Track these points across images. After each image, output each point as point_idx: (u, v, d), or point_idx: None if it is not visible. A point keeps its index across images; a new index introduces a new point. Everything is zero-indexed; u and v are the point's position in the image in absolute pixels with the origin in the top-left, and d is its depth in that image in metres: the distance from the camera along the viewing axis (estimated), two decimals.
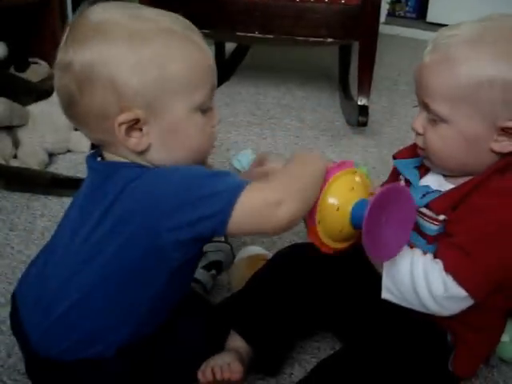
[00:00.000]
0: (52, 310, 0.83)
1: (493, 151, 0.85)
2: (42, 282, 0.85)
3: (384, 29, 3.28)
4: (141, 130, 0.79)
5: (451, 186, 0.89)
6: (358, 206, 0.82)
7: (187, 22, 0.84)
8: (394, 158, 1.04)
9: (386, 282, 0.86)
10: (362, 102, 1.99)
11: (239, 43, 2.73)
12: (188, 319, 0.94)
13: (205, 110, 0.83)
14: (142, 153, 0.81)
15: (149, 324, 0.86)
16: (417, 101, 0.94)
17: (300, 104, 2.35)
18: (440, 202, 0.87)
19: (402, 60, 3.05)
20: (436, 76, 0.87)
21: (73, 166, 1.75)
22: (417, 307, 0.85)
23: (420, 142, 0.92)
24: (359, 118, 1.96)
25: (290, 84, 2.56)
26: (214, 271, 1.21)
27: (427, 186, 0.92)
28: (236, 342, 0.96)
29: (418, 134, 0.92)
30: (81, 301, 0.81)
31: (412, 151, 0.99)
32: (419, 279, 0.82)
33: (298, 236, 1.42)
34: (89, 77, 0.77)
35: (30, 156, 1.69)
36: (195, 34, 0.83)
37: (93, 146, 1.86)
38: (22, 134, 1.73)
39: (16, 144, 1.72)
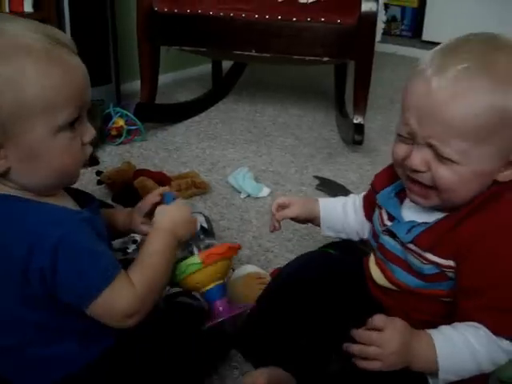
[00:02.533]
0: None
1: (494, 181, 0.81)
2: None
3: (380, 47, 3.29)
4: None
5: (438, 216, 0.84)
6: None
7: (58, 35, 0.77)
8: (375, 189, 1.00)
9: (444, 376, 0.82)
10: (357, 120, 2.00)
11: (236, 61, 2.74)
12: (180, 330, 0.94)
13: (73, 126, 0.78)
14: (2, 175, 0.78)
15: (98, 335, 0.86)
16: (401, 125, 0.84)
17: (296, 122, 2.36)
18: (426, 237, 0.82)
19: (397, 78, 3.07)
20: (451, 111, 0.75)
21: None
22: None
23: (426, 180, 0.81)
24: (355, 137, 1.97)
25: (286, 102, 2.57)
26: None
27: (413, 221, 0.86)
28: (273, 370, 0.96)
29: (417, 171, 0.81)
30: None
31: (391, 175, 0.94)
32: (487, 364, 0.81)
33: (293, 253, 1.42)
34: None
35: None
36: (62, 50, 0.76)
37: (90, 164, 1.87)
38: None
39: None
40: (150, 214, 0.97)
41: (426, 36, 3.65)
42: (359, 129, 1.98)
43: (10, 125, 0.74)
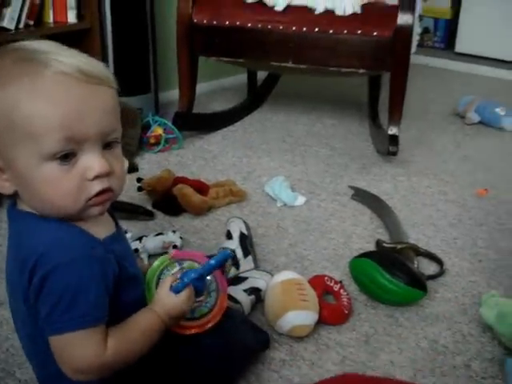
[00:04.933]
0: (33, 364, 0.90)
1: None
2: (19, 335, 0.90)
3: (413, 59, 3.31)
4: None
5: None
6: None
7: (92, 68, 0.77)
8: None
9: None
10: (392, 131, 2.02)
11: (272, 72, 2.78)
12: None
13: (66, 159, 0.75)
14: (19, 197, 0.80)
15: None
16: None
17: (330, 132, 2.39)
18: None
19: (431, 89, 3.08)
20: None
21: None
22: None
23: None
24: (389, 148, 1.99)
25: (320, 112, 2.60)
26: (253, 297, 1.24)
27: None
28: None
29: None
30: (37, 355, 0.86)
31: None
32: None
33: (328, 261, 1.45)
34: None
35: None
36: (77, 81, 0.74)
37: (130, 170, 1.92)
38: None
39: None
40: None
41: (458, 48, 3.65)
42: (394, 140, 2.00)
43: (4, 149, 0.75)
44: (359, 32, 1.93)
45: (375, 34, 1.92)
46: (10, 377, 1.06)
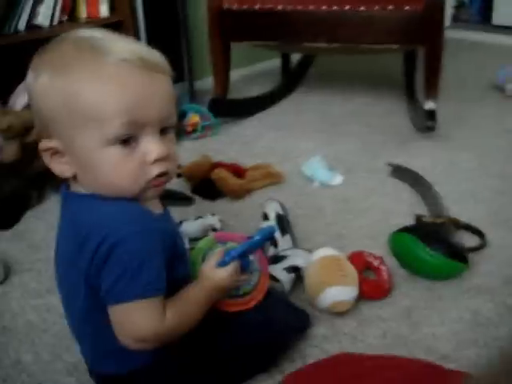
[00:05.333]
0: (84, 345, 0.94)
1: None
2: (69, 319, 0.94)
3: (449, 33, 3.26)
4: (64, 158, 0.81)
5: None
6: None
7: (147, 55, 0.79)
8: None
9: None
10: (429, 106, 2.00)
11: (305, 53, 2.77)
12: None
13: (126, 143, 0.78)
14: (76, 180, 0.83)
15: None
16: None
17: (366, 110, 2.37)
18: None
19: (468, 64, 3.02)
20: None
21: None
22: None
23: None
24: (427, 123, 1.97)
25: (356, 91, 2.58)
26: (293, 274, 1.25)
27: None
28: None
29: None
30: (90, 335, 0.90)
31: None
32: None
33: (366, 238, 1.45)
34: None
35: None
36: (137, 68, 0.77)
37: None
38: None
39: None
40: None
41: (495, 20, 3.57)
42: (431, 115, 1.98)
43: (67, 133, 0.78)
44: (390, 7, 1.91)
45: (407, 8, 1.89)
46: (58, 360, 1.10)
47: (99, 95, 0.75)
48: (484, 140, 2.04)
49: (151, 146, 0.79)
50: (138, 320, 0.81)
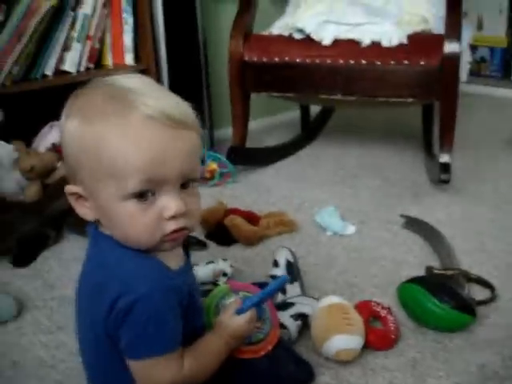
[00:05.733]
0: None
1: None
2: (82, 356, 0.95)
3: (469, 88, 3.30)
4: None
5: None
6: None
7: (175, 111, 0.79)
8: None
9: None
10: (443, 159, 2.02)
11: (323, 105, 2.83)
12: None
13: (143, 198, 0.79)
14: (100, 224, 0.85)
15: None
16: None
17: (383, 163, 2.40)
18: None
19: (486, 118, 3.05)
20: None
21: None
22: None
23: None
24: (441, 176, 1.98)
25: (373, 144, 2.62)
26: (300, 322, 1.26)
27: None
28: None
29: None
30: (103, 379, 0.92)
31: None
32: None
33: (377, 288, 1.45)
34: None
35: None
36: (161, 125, 0.78)
37: None
38: None
39: None
40: None
41: None
42: (445, 168, 1.99)
43: (89, 182, 0.80)
44: (406, 62, 1.95)
45: (422, 63, 1.93)
46: None
47: (120, 151, 0.76)
48: (499, 194, 2.05)
49: (169, 203, 0.79)
50: (156, 373, 0.83)
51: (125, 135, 0.77)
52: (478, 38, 3.77)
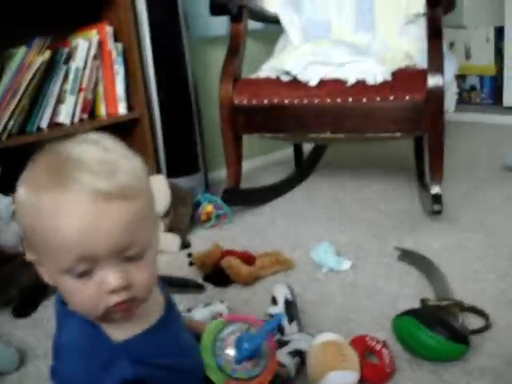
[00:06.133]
0: None
1: None
2: None
3: (461, 116, 3.36)
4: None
5: None
6: None
7: (110, 184, 0.74)
8: None
9: None
10: (434, 190, 2.04)
11: (314, 143, 2.87)
12: None
13: (81, 275, 0.75)
14: None
15: None
16: None
17: (377, 196, 2.43)
18: None
19: (480, 145, 3.09)
20: None
21: (164, 266, 1.89)
22: None
23: None
24: (433, 207, 2.01)
25: (367, 177, 2.65)
26: (298, 359, 1.27)
27: None
28: None
29: None
30: None
31: None
32: None
33: (375, 323, 1.46)
34: None
35: None
36: (88, 198, 0.73)
37: (182, 247, 2.02)
38: None
39: None
40: None
41: (506, 102, 3.67)
42: (437, 199, 2.02)
43: (35, 251, 0.79)
44: (392, 98, 1.99)
45: (407, 98, 1.98)
46: None
47: (49, 228, 0.74)
48: (493, 222, 2.07)
49: (106, 277, 0.75)
50: None
51: (55, 211, 0.73)
52: (466, 67, 3.86)
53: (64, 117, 2.07)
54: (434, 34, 2.03)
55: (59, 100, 2.07)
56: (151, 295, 0.84)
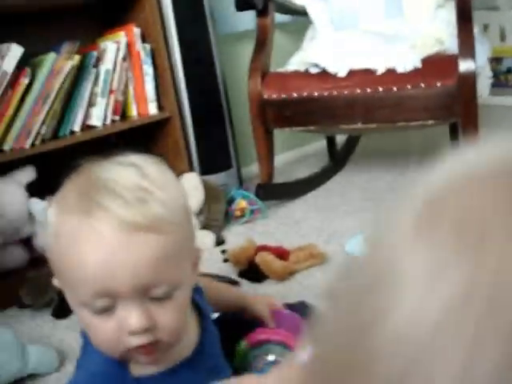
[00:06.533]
0: None
1: None
2: None
3: (496, 100, 3.29)
4: None
5: None
6: None
7: (140, 217, 0.67)
8: None
9: None
10: None
11: (347, 134, 2.85)
12: None
13: (101, 311, 0.69)
14: None
15: None
16: None
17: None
18: None
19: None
20: None
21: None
22: None
23: None
24: None
25: (403, 167, 2.61)
26: None
27: None
28: None
29: None
30: None
31: None
32: None
33: None
34: None
35: None
36: (110, 229, 0.67)
37: (217, 244, 2.03)
38: None
39: None
40: None
41: None
42: None
43: (57, 275, 0.74)
44: (423, 85, 1.96)
45: (439, 84, 1.94)
46: None
47: (69, 254, 0.69)
48: None
49: (127, 317, 0.68)
50: None
51: (75, 238, 0.68)
52: (502, 50, 3.77)
53: (96, 119, 2.09)
54: (464, 17, 1.98)
55: (90, 103, 2.09)
56: (180, 339, 0.76)
